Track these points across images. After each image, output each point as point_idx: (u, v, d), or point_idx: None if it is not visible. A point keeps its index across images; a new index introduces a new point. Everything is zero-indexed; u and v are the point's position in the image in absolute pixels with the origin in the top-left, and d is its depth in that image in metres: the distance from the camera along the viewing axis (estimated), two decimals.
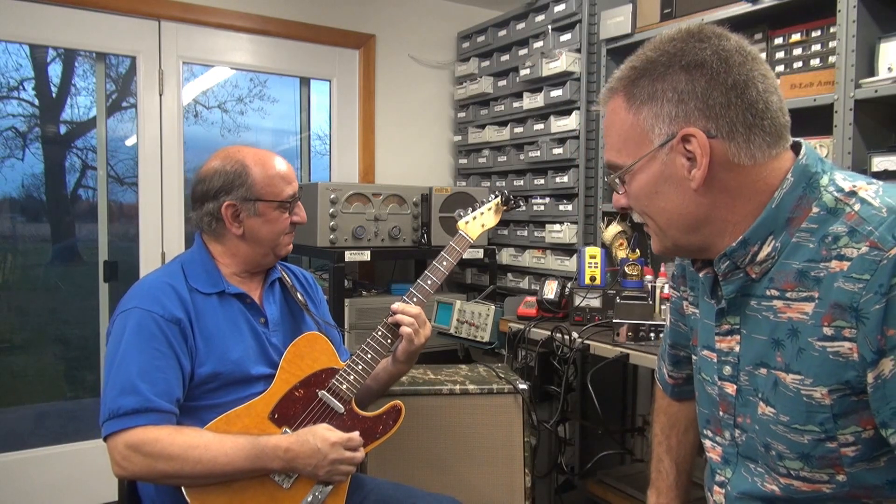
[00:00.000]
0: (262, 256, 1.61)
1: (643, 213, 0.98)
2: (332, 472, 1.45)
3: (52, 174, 3.13)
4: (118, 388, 1.37)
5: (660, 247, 1.00)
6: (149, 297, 1.46)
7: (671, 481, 1.29)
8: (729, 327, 0.99)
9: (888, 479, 0.87)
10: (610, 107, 0.96)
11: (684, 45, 0.89)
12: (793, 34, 2.19)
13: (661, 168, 0.92)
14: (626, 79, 0.94)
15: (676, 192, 0.92)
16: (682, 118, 0.89)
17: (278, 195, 1.57)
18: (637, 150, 0.93)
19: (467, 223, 1.82)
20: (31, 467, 2.89)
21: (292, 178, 1.62)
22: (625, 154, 0.95)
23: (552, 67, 2.93)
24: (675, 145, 0.89)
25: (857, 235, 0.83)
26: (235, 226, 1.56)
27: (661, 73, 0.90)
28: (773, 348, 0.91)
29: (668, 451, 1.31)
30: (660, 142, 0.91)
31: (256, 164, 1.56)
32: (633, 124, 0.93)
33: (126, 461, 1.35)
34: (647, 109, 0.91)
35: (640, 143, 0.93)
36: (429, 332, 1.69)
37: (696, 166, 0.89)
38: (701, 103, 0.88)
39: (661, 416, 1.34)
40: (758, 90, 0.88)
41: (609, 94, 0.96)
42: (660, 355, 1.35)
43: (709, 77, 0.87)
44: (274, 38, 3.32)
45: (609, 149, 0.98)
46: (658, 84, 0.90)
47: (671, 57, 0.89)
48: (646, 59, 0.92)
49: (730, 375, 0.99)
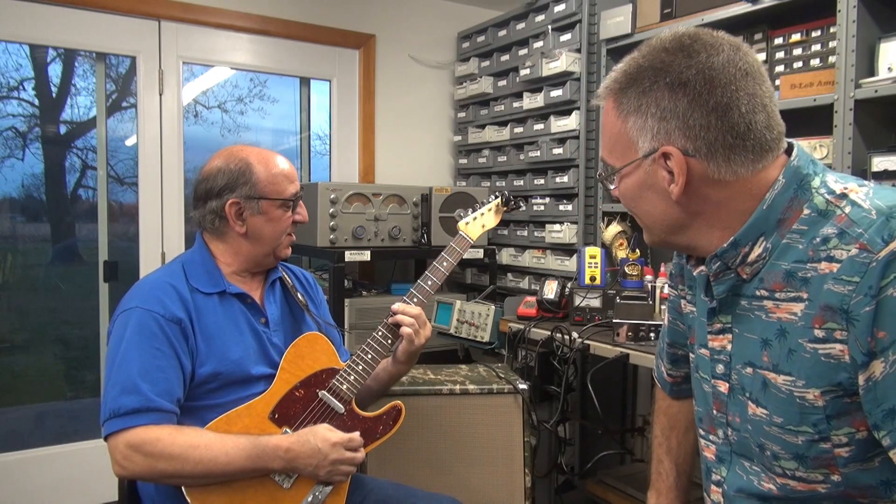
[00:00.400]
0: (264, 256, 1.61)
1: (631, 211, 1.02)
2: (333, 473, 1.45)
3: (52, 174, 3.13)
4: (119, 388, 1.37)
5: (650, 240, 1.03)
6: (150, 297, 1.46)
7: (671, 482, 1.29)
8: (721, 326, 1.00)
9: (882, 480, 0.87)
10: (604, 106, 0.98)
11: (672, 60, 0.89)
12: (793, 34, 2.19)
13: (644, 177, 0.94)
14: (616, 86, 0.95)
15: (658, 199, 0.94)
16: (662, 135, 0.90)
17: (281, 193, 1.58)
18: (624, 156, 0.95)
19: (468, 224, 1.82)
20: (31, 467, 2.89)
21: (294, 176, 1.63)
22: (615, 156, 0.97)
23: (552, 67, 2.93)
24: (656, 158, 0.91)
25: (847, 237, 0.83)
26: (239, 224, 1.56)
27: (646, 87, 0.90)
28: (761, 348, 0.92)
29: (668, 453, 1.31)
30: (643, 153, 0.92)
31: (260, 163, 1.57)
32: (620, 131, 0.95)
33: (127, 461, 1.35)
34: (633, 121, 0.92)
35: (627, 149, 0.95)
36: (429, 332, 1.69)
37: (675, 181, 0.90)
38: (681, 123, 0.88)
39: (661, 416, 1.34)
40: (740, 112, 0.87)
41: (604, 93, 0.98)
42: (658, 354, 1.36)
43: (691, 98, 0.88)
44: (274, 38, 3.32)
45: (602, 147, 1.02)
46: (643, 98, 0.91)
47: (657, 72, 0.90)
48: (637, 66, 0.92)
49: (722, 374, 1.00)
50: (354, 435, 1.50)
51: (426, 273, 1.71)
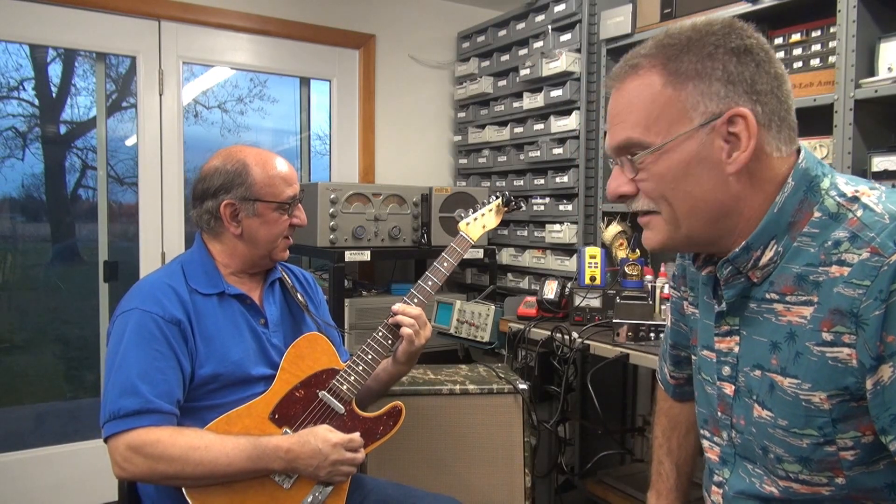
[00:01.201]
0: (260, 258, 1.60)
1: (662, 197, 0.91)
2: (333, 473, 1.45)
3: (52, 174, 3.13)
4: (119, 390, 1.37)
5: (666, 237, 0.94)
6: (149, 298, 1.46)
7: (671, 484, 1.29)
8: (728, 328, 0.99)
9: (887, 482, 0.87)
10: (635, 82, 0.91)
11: (730, 30, 0.89)
12: (793, 34, 2.19)
13: (697, 148, 0.88)
14: (663, 55, 0.89)
15: (710, 175, 0.88)
16: (731, 98, 0.87)
17: (277, 196, 1.57)
18: (671, 128, 0.88)
19: (468, 224, 1.82)
20: (31, 467, 2.89)
21: (293, 179, 1.61)
22: (654, 132, 0.89)
23: (552, 67, 2.93)
24: (717, 126, 0.87)
25: (859, 241, 0.82)
26: (234, 225, 1.55)
27: (710, 51, 0.88)
28: (770, 351, 0.91)
29: (668, 454, 1.31)
30: (702, 120, 0.87)
31: (257, 164, 1.56)
32: (670, 100, 0.88)
33: (127, 462, 1.35)
34: (693, 86, 0.87)
35: (677, 120, 0.88)
36: (429, 333, 1.69)
37: (736, 148, 0.87)
38: (749, 87, 0.87)
39: (662, 418, 1.34)
40: (787, 87, 0.90)
41: (634, 69, 0.91)
42: (661, 355, 1.35)
43: (756, 63, 0.88)
44: (274, 38, 3.32)
45: (633, 126, 0.90)
46: (707, 62, 0.87)
47: (719, 38, 0.88)
48: (687, 38, 0.89)
49: (728, 376, 0.99)
50: (355, 436, 1.50)
51: (427, 273, 1.71)
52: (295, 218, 1.61)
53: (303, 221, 1.64)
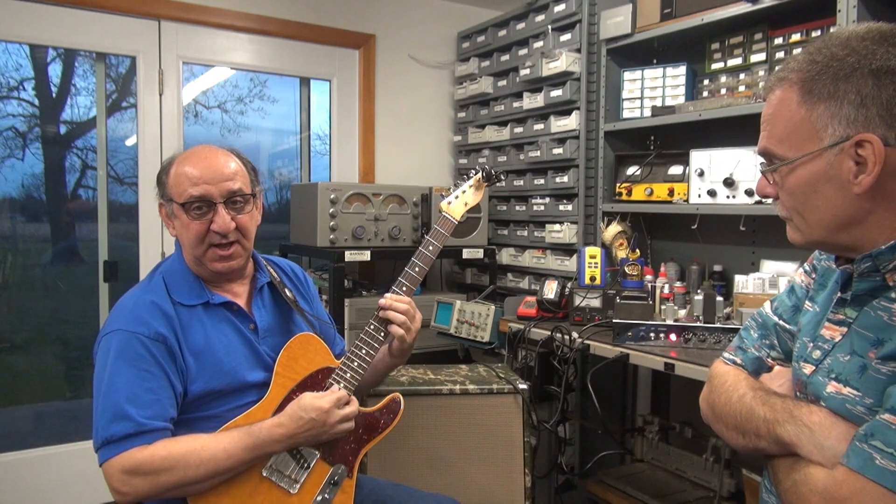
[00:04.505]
0: (198, 266, 1.50)
1: (793, 209, 0.96)
2: (335, 434, 1.46)
3: (52, 174, 3.13)
4: (108, 416, 1.33)
5: (802, 241, 0.98)
6: (131, 318, 1.40)
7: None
8: (842, 318, 0.98)
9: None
10: (779, 95, 0.94)
11: (876, 48, 0.87)
12: (793, 34, 2.19)
13: (825, 168, 0.90)
14: (804, 71, 0.91)
15: (836, 193, 0.90)
16: (860, 122, 0.87)
17: (179, 196, 1.45)
18: (801, 146, 0.91)
19: (450, 203, 1.75)
20: (31, 467, 2.89)
21: (204, 179, 1.43)
22: (787, 146, 0.93)
23: (552, 67, 2.93)
24: (846, 148, 0.88)
25: None
26: (171, 227, 1.51)
27: (846, 73, 0.87)
28: (872, 345, 0.91)
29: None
30: (830, 142, 0.89)
31: (181, 161, 1.47)
32: (803, 119, 0.91)
33: (125, 486, 1.31)
34: (824, 107, 0.89)
35: (807, 138, 0.90)
36: (419, 322, 1.66)
37: (864, 172, 0.87)
38: (884, 111, 0.86)
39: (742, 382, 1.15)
40: None
41: (780, 82, 0.94)
42: (735, 348, 1.21)
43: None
44: (274, 38, 3.32)
45: (770, 137, 0.96)
46: (842, 84, 0.88)
47: (861, 58, 0.87)
48: (831, 55, 0.89)
49: (816, 358, 0.99)
50: (340, 393, 1.49)
51: (413, 259, 1.66)
52: (213, 223, 1.44)
53: (220, 228, 1.43)
